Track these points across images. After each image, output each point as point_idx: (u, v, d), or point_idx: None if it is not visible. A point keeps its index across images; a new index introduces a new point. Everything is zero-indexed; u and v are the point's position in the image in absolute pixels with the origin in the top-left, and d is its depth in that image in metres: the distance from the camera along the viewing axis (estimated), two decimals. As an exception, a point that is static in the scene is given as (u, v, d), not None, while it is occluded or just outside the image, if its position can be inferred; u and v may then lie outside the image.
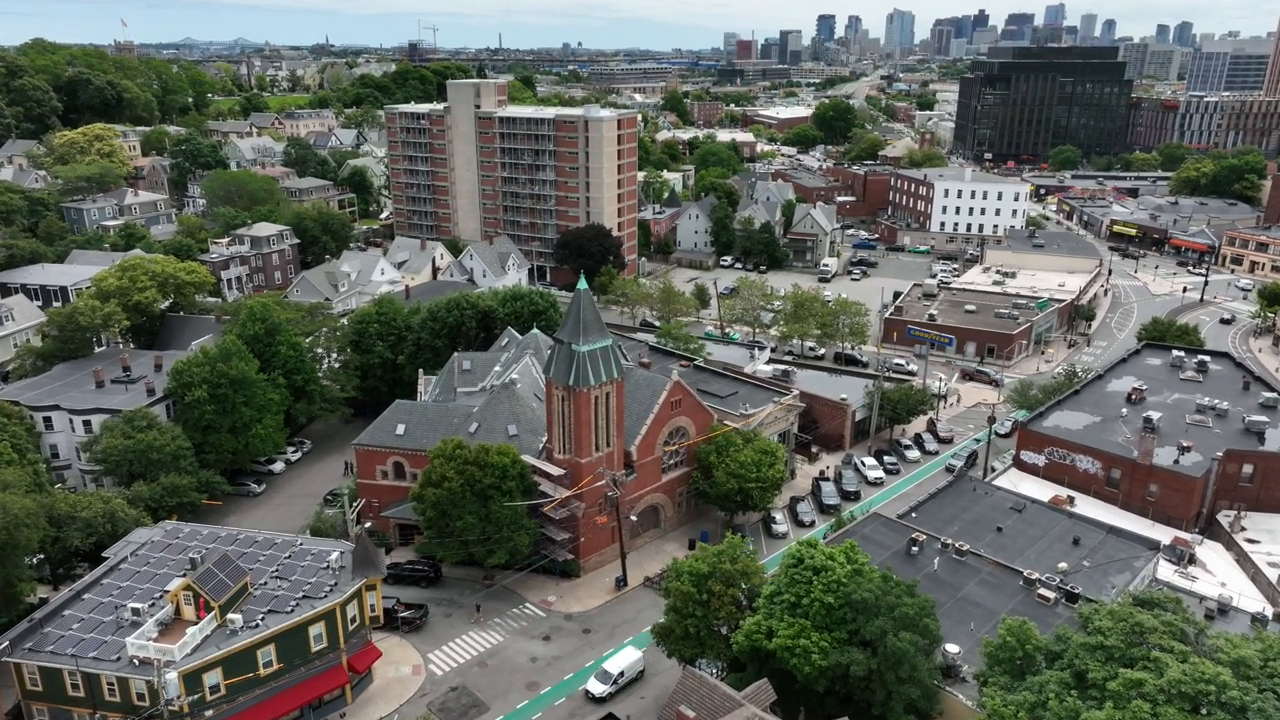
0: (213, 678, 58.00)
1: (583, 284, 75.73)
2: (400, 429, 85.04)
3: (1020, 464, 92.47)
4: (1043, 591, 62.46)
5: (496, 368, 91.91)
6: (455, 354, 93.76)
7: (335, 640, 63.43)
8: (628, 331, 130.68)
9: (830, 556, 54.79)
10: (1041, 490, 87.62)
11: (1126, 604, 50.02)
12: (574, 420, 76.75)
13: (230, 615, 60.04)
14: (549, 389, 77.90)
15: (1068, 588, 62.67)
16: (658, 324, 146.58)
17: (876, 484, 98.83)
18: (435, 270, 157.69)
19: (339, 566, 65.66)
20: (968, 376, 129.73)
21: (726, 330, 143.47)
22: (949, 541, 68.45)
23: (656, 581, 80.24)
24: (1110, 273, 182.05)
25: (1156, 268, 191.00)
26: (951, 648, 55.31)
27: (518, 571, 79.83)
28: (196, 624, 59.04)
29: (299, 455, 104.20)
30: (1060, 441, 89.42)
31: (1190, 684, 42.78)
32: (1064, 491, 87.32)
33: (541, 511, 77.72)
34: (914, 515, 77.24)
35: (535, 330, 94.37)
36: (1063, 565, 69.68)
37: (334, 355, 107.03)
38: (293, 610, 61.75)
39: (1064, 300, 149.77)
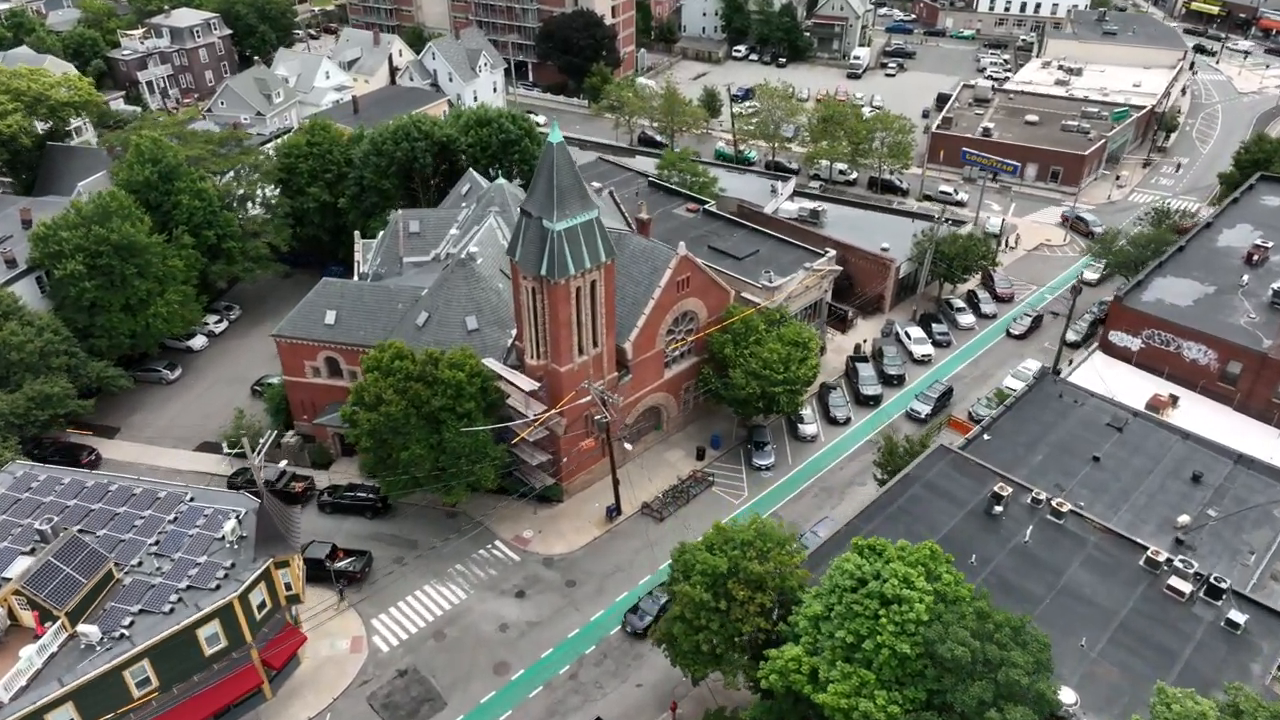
0: (61, 717, 43.44)
1: (556, 134, 54.51)
2: (330, 317, 66.46)
3: (1108, 347, 74.60)
4: (1174, 582, 46.59)
5: (452, 230, 71.77)
6: (398, 212, 73.18)
7: (238, 638, 48.55)
8: (623, 155, 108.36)
9: (906, 581, 38.20)
10: (1133, 383, 70.45)
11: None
12: (549, 320, 58.21)
13: (82, 628, 44.59)
14: (515, 277, 58.75)
15: (1210, 577, 46.75)
16: (660, 138, 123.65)
17: (924, 362, 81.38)
18: (393, 71, 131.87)
19: (236, 539, 49.61)
20: (1069, 224, 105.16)
21: (741, 148, 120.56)
22: (1042, 496, 51.94)
23: (658, 510, 64.87)
24: (1193, 66, 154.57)
25: (1246, 56, 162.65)
26: (1066, 696, 40.04)
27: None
28: (35, 642, 43.76)
29: (224, 325, 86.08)
30: (1164, 323, 71.01)
31: None
32: (1163, 387, 70.15)
33: (512, 432, 60.98)
34: (987, 438, 60.41)
35: (501, 181, 73.11)
36: (1183, 518, 53.76)
37: (258, 199, 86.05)
38: (172, 610, 46.30)
39: (1142, 106, 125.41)
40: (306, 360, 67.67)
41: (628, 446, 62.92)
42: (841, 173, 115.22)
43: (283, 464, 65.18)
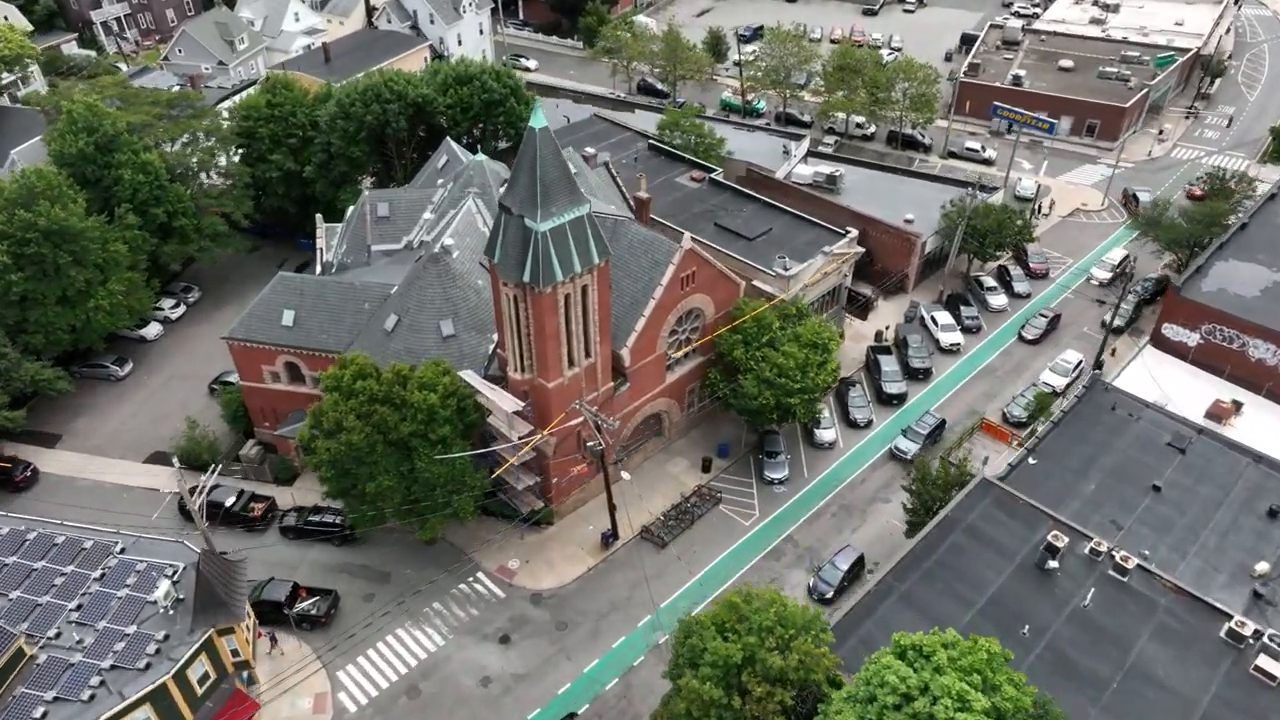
0: (-39, 835, 37.30)
1: (538, 119, 45.91)
2: (288, 317, 58.62)
3: (1161, 341, 67.03)
4: (1264, 663, 39.95)
5: (426, 214, 63.41)
6: (365, 192, 64.58)
7: None
8: (621, 110, 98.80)
9: (961, 701, 31.36)
10: (1189, 384, 63.23)
11: None
12: (534, 331, 50.50)
13: (-17, 727, 38.19)
14: (495, 282, 50.81)
15: (1305, 657, 40.16)
16: (661, 86, 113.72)
17: (953, 351, 73.73)
18: (370, 11, 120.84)
19: (171, 603, 42.81)
20: (1126, 202, 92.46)
21: (749, 99, 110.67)
22: (1103, 547, 44.99)
23: (659, 534, 58.12)
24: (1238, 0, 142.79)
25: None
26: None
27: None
28: (-72, 746, 37.39)
29: (182, 310, 78.13)
30: (1228, 317, 63.40)
31: None
32: (1224, 390, 62.89)
33: (495, 454, 53.84)
34: (1032, 462, 53.24)
35: (481, 157, 64.28)
36: (1261, 566, 47.07)
37: (214, 168, 77.22)
38: (93, 697, 39.74)
39: (1187, 49, 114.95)
40: (264, 365, 60.10)
41: (625, 476, 55.73)
42: (859, 126, 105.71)
43: (237, 477, 58.27)
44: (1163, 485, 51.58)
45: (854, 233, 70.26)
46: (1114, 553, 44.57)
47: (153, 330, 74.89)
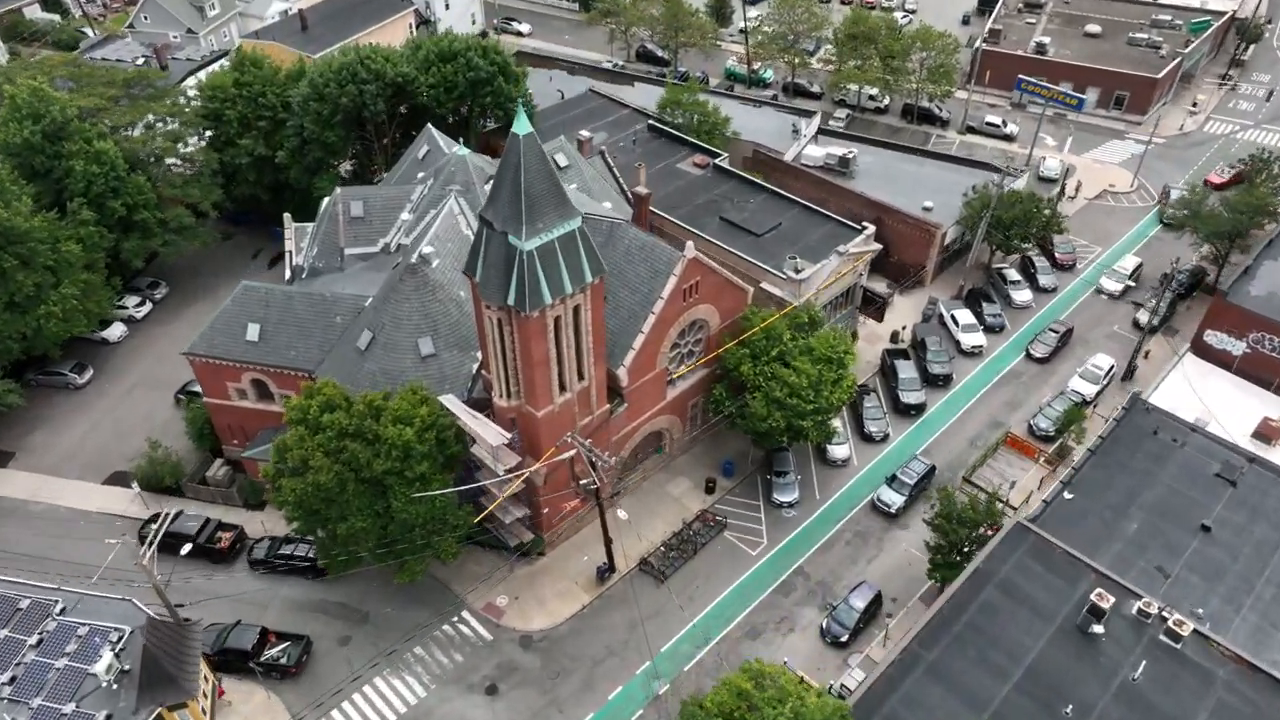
0: None
1: (522, 124, 40.29)
2: (252, 332, 53.50)
3: (1202, 349, 62.00)
4: (1339, 754, 35.69)
5: (404, 214, 57.85)
6: (337, 191, 58.82)
7: (121, 807, 38.01)
8: (618, 81, 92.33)
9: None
10: (1234, 398, 58.46)
11: None
12: (521, 357, 45.48)
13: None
14: (477, 301, 45.62)
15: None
16: (661, 53, 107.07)
17: (975, 353, 68.69)
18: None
19: (115, 676, 38.41)
20: (1161, 201, 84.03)
21: (755, 68, 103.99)
22: (1153, 607, 40.46)
23: (659, 567, 53.64)
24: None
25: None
26: None
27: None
28: None
29: (148, 308, 72.87)
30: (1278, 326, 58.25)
31: None
32: (1274, 406, 58.04)
33: (482, 488, 49.17)
34: (1068, 497, 48.52)
35: (465, 151, 58.34)
36: (1326, 623, 42.55)
37: (178, 154, 71.33)
38: (25, 792, 35.60)
39: (1222, 13, 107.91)
40: (229, 382, 55.14)
41: (622, 515, 51.10)
42: (872, 98, 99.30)
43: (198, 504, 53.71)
44: (1212, 524, 46.93)
45: (871, 228, 64.69)
46: (1165, 614, 40.05)
47: (116, 331, 69.73)
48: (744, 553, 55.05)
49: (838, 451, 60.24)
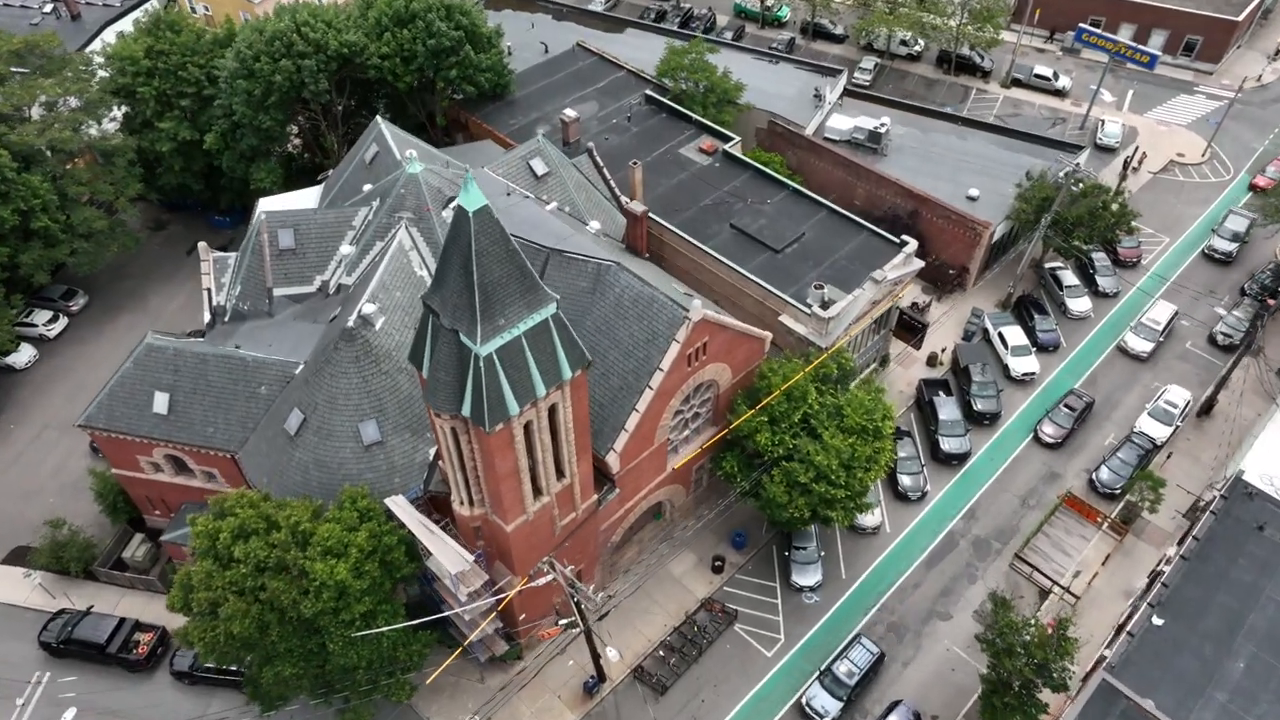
0: None
1: (473, 196, 29.57)
2: (160, 402, 43.66)
3: (1304, 392, 52.24)
4: None
5: (344, 246, 47.05)
6: (261, 215, 47.65)
7: None
8: (611, 28, 79.17)
9: None
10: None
11: None
12: (484, 471, 36.02)
13: None
14: (430, 408, 35.69)
15: None
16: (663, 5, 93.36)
17: (1027, 380, 58.93)
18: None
19: None
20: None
21: (770, 5, 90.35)
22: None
23: (657, 676, 45.32)
24: None
25: None
26: None
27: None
28: None
29: (62, 324, 62.60)
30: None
31: None
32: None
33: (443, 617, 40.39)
34: (1157, 622, 39.72)
35: (415, 169, 46.72)
36: None
37: (82, 141, 59.61)
38: None
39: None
40: (139, 456, 45.69)
41: (613, 655, 42.42)
42: (904, 43, 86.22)
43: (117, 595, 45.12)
44: (1337, 660, 38.36)
45: (913, 244, 53.92)
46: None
47: (24, 356, 59.71)
48: (758, 653, 46.74)
49: (867, 520, 51.17)
